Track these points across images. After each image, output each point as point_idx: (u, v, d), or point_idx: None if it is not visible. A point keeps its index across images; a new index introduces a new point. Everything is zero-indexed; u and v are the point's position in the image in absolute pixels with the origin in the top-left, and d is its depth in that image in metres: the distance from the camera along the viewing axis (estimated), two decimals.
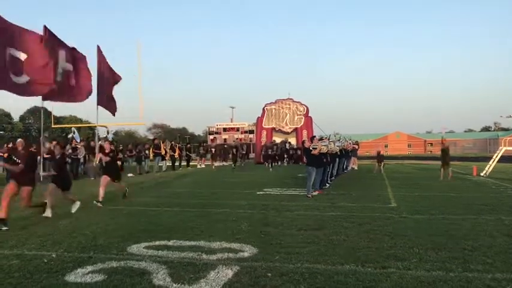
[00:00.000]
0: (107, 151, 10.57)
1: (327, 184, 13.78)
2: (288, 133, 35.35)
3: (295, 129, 35.28)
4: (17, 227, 7.15)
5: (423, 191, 12.51)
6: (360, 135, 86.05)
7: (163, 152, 24.65)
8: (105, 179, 10.29)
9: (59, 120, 70.37)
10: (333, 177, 15.56)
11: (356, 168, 24.81)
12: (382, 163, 22.95)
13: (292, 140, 33.94)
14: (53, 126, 23.28)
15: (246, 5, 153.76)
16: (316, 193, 11.57)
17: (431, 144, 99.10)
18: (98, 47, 19.00)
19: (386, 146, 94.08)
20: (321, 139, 12.99)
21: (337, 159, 15.82)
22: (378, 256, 5.18)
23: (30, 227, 7.17)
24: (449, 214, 8.25)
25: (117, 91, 20.53)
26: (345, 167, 20.15)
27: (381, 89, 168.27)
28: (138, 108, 34.40)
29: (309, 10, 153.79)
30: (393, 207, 9.33)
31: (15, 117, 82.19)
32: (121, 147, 23.59)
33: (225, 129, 41.10)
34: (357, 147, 25.07)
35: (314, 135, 18.23)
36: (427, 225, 7.21)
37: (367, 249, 5.55)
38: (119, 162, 20.80)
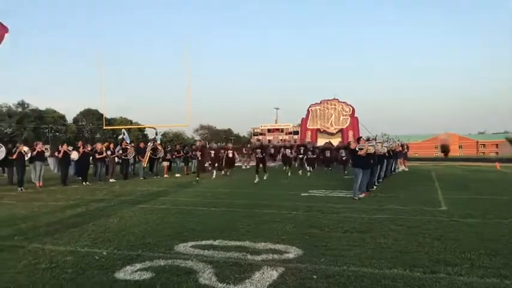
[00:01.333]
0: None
1: (374, 186, 13.51)
2: (333, 134, 35.01)
3: (341, 130, 34.89)
4: (70, 225, 7.45)
5: (475, 194, 12.04)
6: (409, 136, 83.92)
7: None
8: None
9: (110, 122, 72.88)
10: (381, 179, 15.24)
11: (406, 169, 24.13)
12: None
13: (337, 141, 33.53)
14: (104, 127, 24.15)
15: (291, 6, 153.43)
16: (363, 195, 11.38)
17: (484, 145, 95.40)
18: None
19: (436, 147, 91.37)
20: (367, 140, 12.76)
21: (385, 160, 15.49)
22: (427, 260, 5.03)
23: (82, 225, 7.45)
24: (504, 218, 7.89)
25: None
26: (393, 168, 19.70)
27: (430, 89, 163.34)
28: (185, 111, 34.94)
29: (356, 11, 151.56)
30: (443, 210, 9.04)
31: (69, 119, 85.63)
32: (169, 148, 24.11)
33: (269, 130, 41.19)
34: (406, 148, 24.47)
35: (360, 136, 17.94)
36: (480, 229, 6.93)
37: (415, 253, 5.41)
38: (167, 163, 21.45)
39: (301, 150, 22.94)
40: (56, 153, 16.92)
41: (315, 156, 22.41)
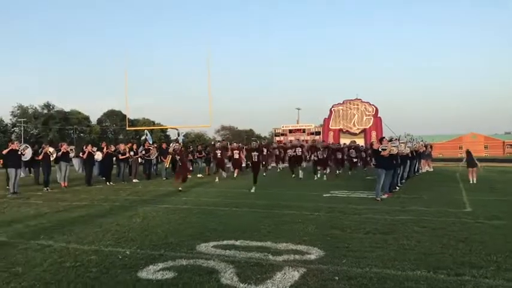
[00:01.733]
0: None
1: (397, 187, 13.35)
2: (356, 134, 34.77)
3: (364, 130, 34.61)
4: (95, 225, 7.58)
5: (502, 195, 11.79)
6: (433, 136, 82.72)
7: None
8: None
9: (133, 123, 73.78)
10: (404, 180, 15.05)
11: (431, 170, 23.72)
12: (476, 167, 16.67)
13: (361, 142, 33.21)
14: (127, 128, 24.49)
15: (310, 6, 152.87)
16: (385, 196, 11.26)
17: (511, 145, 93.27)
18: None
19: (460, 148, 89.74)
20: (390, 140, 12.62)
21: (408, 161, 15.29)
22: (451, 263, 4.95)
23: (106, 225, 7.57)
24: None
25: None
26: (416, 169, 19.43)
27: (455, 89, 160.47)
28: (207, 111, 35.14)
29: (377, 10, 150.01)
30: (468, 211, 8.88)
31: (93, 120, 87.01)
32: (191, 149, 24.26)
33: (290, 131, 41.01)
34: (430, 148, 24.10)
35: (383, 136, 17.73)
36: (507, 231, 6.78)
37: (440, 255, 5.32)
38: (189, 163, 21.57)
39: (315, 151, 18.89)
40: (81, 154, 17.22)
41: (325, 156, 18.68)
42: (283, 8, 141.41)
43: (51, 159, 15.80)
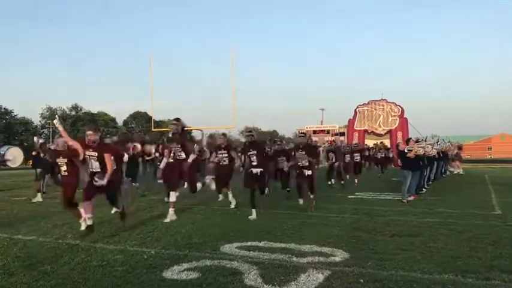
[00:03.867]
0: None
1: (424, 189, 13.17)
2: (381, 135, 34.41)
3: (389, 131, 34.21)
4: (120, 224, 7.68)
5: None
6: (461, 137, 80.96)
7: None
8: None
9: (158, 124, 74.54)
10: (430, 182, 14.82)
11: (462, 172, 23.19)
12: None
13: (387, 142, 32.77)
14: (152, 129, 24.73)
15: (335, 6, 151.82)
16: (411, 198, 11.09)
17: None
18: None
19: (489, 149, 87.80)
20: (417, 141, 12.43)
21: (435, 162, 15.04)
22: (480, 266, 4.84)
23: (131, 225, 7.66)
24: None
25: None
26: (443, 170, 19.09)
27: (483, 89, 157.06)
28: (231, 112, 35.32)
29: (403, 9, 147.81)
30: (498, 214, 8.67)
31: (120, 121, 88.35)
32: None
33: (314, 132, 40.91)
34: (459, 148, 23.63)
35: (410, 137, 17.47)
36: None
37: (468, 258, 5.21)
38: (212, 164, 21.64)
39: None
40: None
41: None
42: (306, 7, 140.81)
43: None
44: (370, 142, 32.68)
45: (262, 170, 8.64)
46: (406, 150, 11.12)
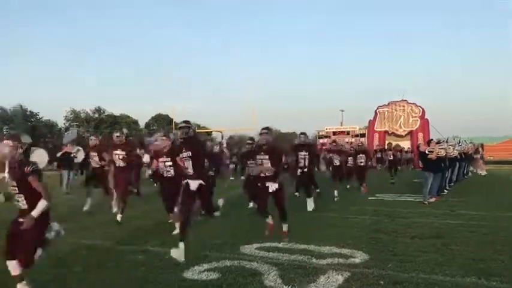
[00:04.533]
0: None
1: (445, 190, 12.99)
2: (402, 136, 34.03)
3: (410, 132, 33.84)
4: (141, 226, 7.78)
5: None
6: (483, 138, 79.45)
7: None
8: None
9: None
10: (452, 183, 14.60)
11: (484, 173, 22.76)
12: None
13: (407, 144, 32.36)
14: (174, 131, 24.96)
15: (353, 4, 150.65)
16: (433, 200, 10.95)
17: None
18: None
19: None
20: (438, 142, 12.26)
21: (457, 163, 14.83)
22: (504, 269, 4.76)
23: (153, 225, 7.75)
24: None
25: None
26: (465, 172, 18.79)
27: (508, 88, 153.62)
28: (251, 114, 35.36)
29: (432, 9, 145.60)
30: None
31: (142, 124, 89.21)
32: (236, 151, 24.48)
33: (334, 133, 40.60)
34: (481, 150, 23.23)
35: (431, 138, 17.25)
36: None
37: (491, 261, 5.13)
38: (233, 166, 21.74)
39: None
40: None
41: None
42: (318, 8, 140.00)
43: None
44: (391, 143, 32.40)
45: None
46: (427, 152, 10.99)
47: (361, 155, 14.00)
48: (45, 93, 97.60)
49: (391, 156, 18.85)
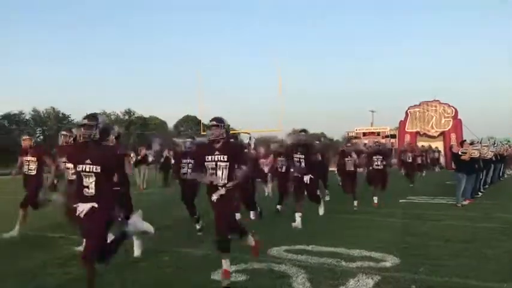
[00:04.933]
0: None
1: (480, 193, 12.66)
2: (434, 137, 33.35)
3: (442, 133, 33.14)
4: (170, 226, 7.85)
5: None
6: None
7: None
8: None
9: (207, 127, 75.78)
10: (487, 185, 14.22)
11: None
12: None
13: (440, 145, 31.66)
14: (202, 133, 25.17)
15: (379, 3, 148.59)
16: (466, 202, 10.69)
17: None
18: None
19: None
20: (471, 143, 11.96)
21: (492, 165, 14.43)
22: None
23: (180, 226, 7.82)
24: None
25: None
26: (501, 174, 18.26)
27: None
28: (279, 115, 35.31)
29: (461, 6, 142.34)
30: None
31: (170, 125, 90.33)
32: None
33: (364, 134, 40.13)
34: None
35: (464, 139, 16.84)
36: None
37: None
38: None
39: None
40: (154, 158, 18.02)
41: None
42: (344, 7, 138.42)
43: (131, 162, 16.59)
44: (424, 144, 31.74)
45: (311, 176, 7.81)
46: (460, 153, 10.74)
47: (378, 156, 11.12)
48: (76, 95, 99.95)
49: (410, 158, 17.73)
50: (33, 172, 7.28)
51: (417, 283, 4.36)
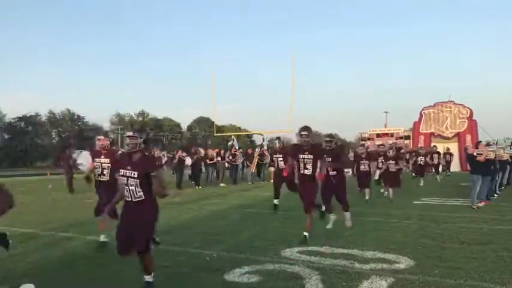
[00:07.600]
0: None
1: (495, 194, 12.49)
2: (449, 138, 33.01)
3: (457, 134, 32.79)
4: (185, 227, 7.88)
5: None
6: None
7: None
8: None
9: (220, 129, 76.03)
10: (503, 187, 14.04)
11: None
12: None
13: (454, 146, 31.33)
14: (215, 134, 25.28)
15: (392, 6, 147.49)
16: (482, 204, 10.55)
17: None
18: None
19: None
20: (487, 145, 11.82)
21: (508, 166, 14.24)
22: None
23: (195, 227, 7.84)
24: None
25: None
26: None
27: None
28: (292, 116, 35.17)
29: (482, 10, 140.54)
30: None
31: (184, 126, 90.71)
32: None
33: (378, 135, 39.87)
34: None
35: (480, 140, 16.64)
36: None
37: None
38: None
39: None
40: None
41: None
42: (360, 6, 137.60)
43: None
44: (438, 146, 31.45)
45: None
46: (475, 154, 10.61)
47: (390, 160, 11.74)
48: (91, 97, 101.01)
49: (422, 161, 17.97)
50: (106, 178, 6.53)
51: (431, 285, 4.32)
